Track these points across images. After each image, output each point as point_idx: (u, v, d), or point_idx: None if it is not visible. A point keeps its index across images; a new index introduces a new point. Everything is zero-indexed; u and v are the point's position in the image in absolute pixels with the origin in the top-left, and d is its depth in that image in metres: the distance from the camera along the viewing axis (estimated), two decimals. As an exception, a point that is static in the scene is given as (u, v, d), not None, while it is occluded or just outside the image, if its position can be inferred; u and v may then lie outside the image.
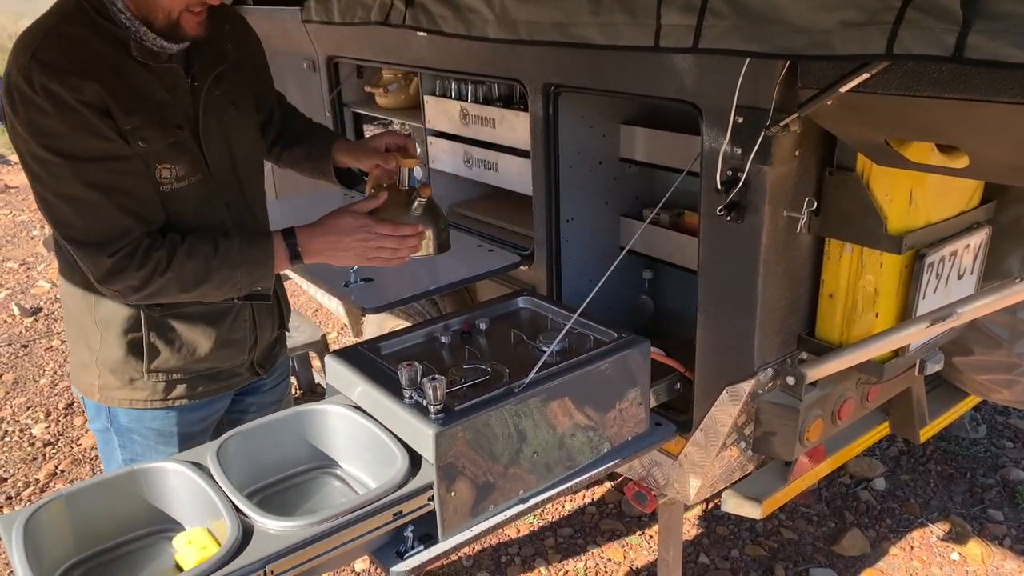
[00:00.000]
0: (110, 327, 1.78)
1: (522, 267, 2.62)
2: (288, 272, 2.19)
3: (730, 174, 1.86)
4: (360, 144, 2.10)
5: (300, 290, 4.91)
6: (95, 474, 3.62)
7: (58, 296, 5.61)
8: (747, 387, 2.01)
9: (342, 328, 4.91)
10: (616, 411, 1.88)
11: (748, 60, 1.73)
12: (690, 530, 3.21)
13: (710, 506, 3.33)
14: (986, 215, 2.19)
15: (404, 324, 3.08)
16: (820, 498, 3.39)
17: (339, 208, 1.77)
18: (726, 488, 2.31)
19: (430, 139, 3.06)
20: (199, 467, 1.63)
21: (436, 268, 2.64)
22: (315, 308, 5.15)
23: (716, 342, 2.06)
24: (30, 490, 3.58)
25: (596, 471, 1.86)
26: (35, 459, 3.81)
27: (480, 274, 2.55)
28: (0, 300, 5.60)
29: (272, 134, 2.12)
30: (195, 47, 1.72)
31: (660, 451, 2.24)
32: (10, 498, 3.52)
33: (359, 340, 2.56)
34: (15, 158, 9.46)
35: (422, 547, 1.64)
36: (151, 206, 1.64)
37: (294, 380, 4.23)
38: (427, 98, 2.99)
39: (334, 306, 3.83)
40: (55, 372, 4.60)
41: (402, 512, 1.57)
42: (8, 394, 4.39)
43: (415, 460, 1.63)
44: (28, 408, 4.24)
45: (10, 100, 1.52)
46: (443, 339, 2.00)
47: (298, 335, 3.83)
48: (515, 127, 2.67)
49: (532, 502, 1.76)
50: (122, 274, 1.59)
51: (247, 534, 1.46)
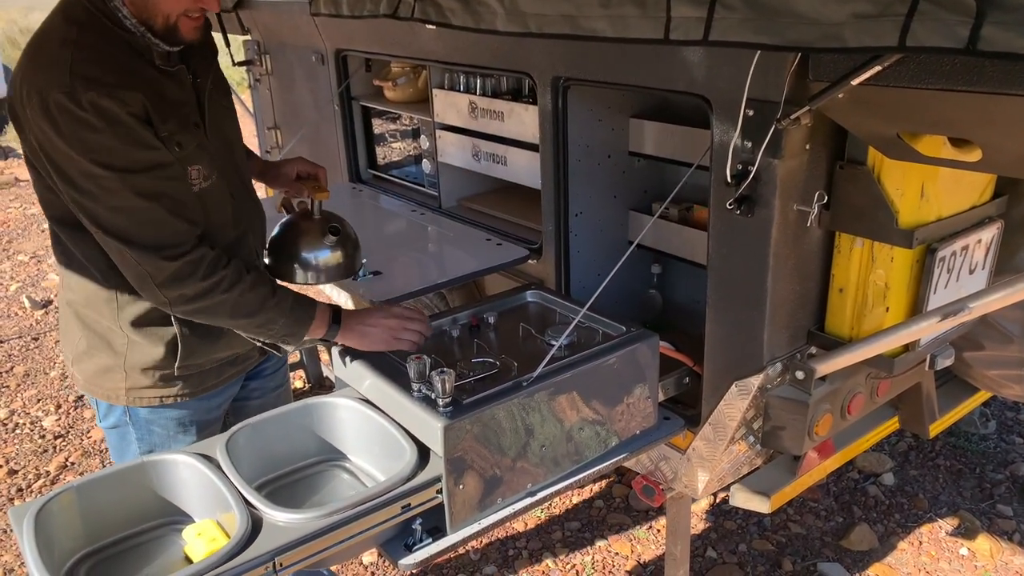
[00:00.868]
0: (140, 329, 1.78)
1: (530, 261, 2.62)
2: None
3: (740, 168, 1.86)
4: (273, 166, 2.16)
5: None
6: (105, 466, 3.64)
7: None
8: (756, 381, 2.00)
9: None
10: (624, 405, 1.88)
11: (759, 53, 1.72)
12: (698, 524, 3.21)
13: (718, 500, 3.32)
14: (998, 209, 2.18)
15: (412, 318, 3.07)
16: (828, 493, 3.38)
17: (377, 311, 1.88)
18: (734, 482, 2.30)
19: (439, 132, 3.05)
20: (208, 459, 1.64)
21: (444, 262, 2.65)
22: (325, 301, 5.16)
23: (725, 336, 2.05)
24: (40, 482, 3.60)
25: (604, 465, 1.86)
26: (45, 451, 3.83)
27: (488, 268, 2.55)
28: (11, 293, 5.63)
29: None
30: (188, 46, 1.73)
31: (668, 445, 2.24)
32: (21, 490, 3.55)
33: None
34: (25, 151, 9.49)
35: (430, 540, 1.64)
36: (194, 208, 1.68)
37: (302, 373, 4.24)
38: (436, 91, 2.99)
39: (343, 299, 3.84)
40: (65, 365, 4.63)
41: (410, 505, 1.57)
42: (19, 386, 4.41)
43: (423, 453, 1.64)
44: (39, 400, 4.27)
45: (49, 119, 1.50)
46: (451, 333, 2.00)
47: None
48: (524, 120, 2.66)
49: (540, 495, 1.77)
50: (185, 280, 1.62)
51: (256, 526, 1.47)
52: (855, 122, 1.78)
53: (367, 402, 1.80)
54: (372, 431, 1.77)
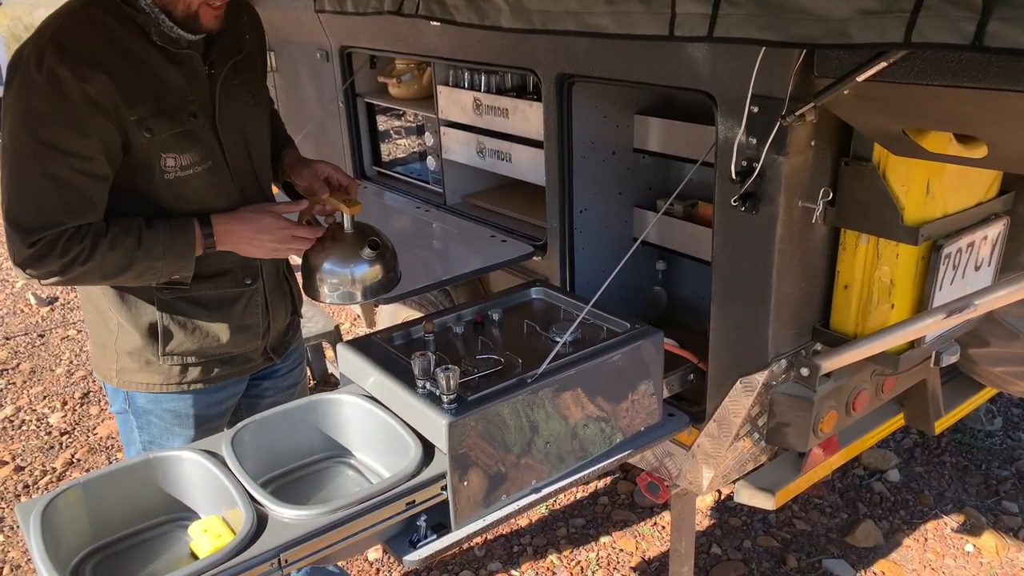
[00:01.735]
0: (126, 311, 1.81)
1: (535, 258, 2.62)
2: None
3: (745, 164, 1.85)
4: (304, 163, 2.07)
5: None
6: (111, 463, 3.65)
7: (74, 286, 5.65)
8: (761, 378, 2.00)
9: (355, 319, 4.92)
10: (629, 402, 1.88)
11: (764, 49, 1.72)
12: (702, 521, 3.21)
13: (722, 497, 3.32)
14: (1004, 206, 2.17)
15: (417, 314, 3.08)
16: (833, 489, 3.38)
17: (259, 206, 1.82)
18: (739, 479, 2.30)
19: (443, 129, 3.05)
20: (214, 456, 1.65)
21: (449, 259, 2.65)
22: (328, 298, 5.17)
23: (730, 333, 2.05)
24: (47, 479, 3.61)
25: (609, 461, 1.86)
26: (52, 448, 3.85)
27: (493, 265, 2.55)
28: (17, 290, 5.65)
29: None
30: (214, 36, 1.74)
31: (673, 442, 2.24)
32: (27, 486, 3.56)
33: (372, 330, 2.56)
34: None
35: (435, 536, 1.64)
36: (94, 210, 1.63)
37: (307, 370, 4.25)
38: (440, 88, 2.98)
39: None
40: (71, 361, 4.64)
41: (415, 501, 1.58)
42: (25, 383, 4.43)
43: (428, 450, 1.64)
44: (45, 397, 4.28)
45: (12, 73, 1.53)
46: (456, 329, 2.00)
47: (311, 325, 3.85)
48: (528, 117, 2.66)
49: (545, 492, 1.77)
50: (42, 260, 1.60)
51: (261, 522, 1.47)
52: (860, 118, 1.77)
53: (372, 399, 1.80)
54: (377, 428, 1.77)
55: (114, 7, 1.59)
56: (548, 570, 3.00)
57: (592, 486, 3.43)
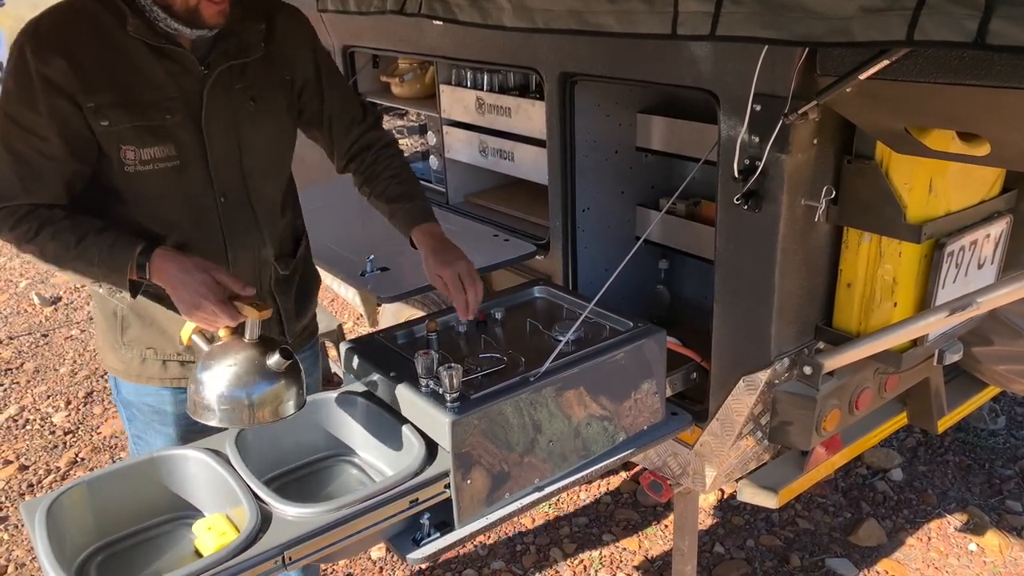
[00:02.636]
0: (95, 292, 1.85)
1: (537, 257, 2.62)
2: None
3: (747, 162, 1.85)
4: (431, 259, 1.89)
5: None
6: (115, 462, 3.66)
7: (77, 286, 5.66)
8: (764, 377, 2.00)
9: (358, 318, 4.93)
10: (632, 400, 1.88)
11: (766, 47, 1.72)
12: (705, 520, 3.21)
13: (726, 496, 3.32)
14: (1007, 204, 2.17)
15: (420, 313, 3.08)
16: (836, 488, 3.37)
17: (211, 265, 1.61)
18: (742, 478, 2.30)
19: (446, 128, 3.06)
20: (218, 454, 1.65)
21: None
22: (331, 298, 5.17)
23: (733, 331, 2.05)
24: (51, 478, 3.62)
25: (611, 460, 1.87)
26: (56, 447, 3.86)
27: (495, 264, 2.56)
28: (20, 290, 5.66)
29: (347, 159, 2.03)
30: (221, 36, 1.71)
31: (676, 441, 2.24)
32: (31, 485, 3.57)
33: (375, 329, 2.57)
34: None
35: (438, 534, 1.65)
36: (53, 192, 1.65)
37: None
38: (443, 87, 2.99)
39: (350, 295, 3.85)
40: (75, 361, 4.65)
41: (418, 500, 1.58)
42: (29, 383, 4.44)
43: (431, 448, 1.64)
44: (49, 397, 4.29)
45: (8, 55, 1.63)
46: (459, 328, 2.00)
47: (314, 324, 3.84)
48: (531, 116, 2.66)
49: (548, 490, 1.77)
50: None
51: (265, 520, 1.48)
52: (863, 117, 1.78)
53: (375, 398, 1.80)
54: (380, 426, 1.77)
55: None
56: (551, 569, 3.00)
57: (595, 485, 3.43)
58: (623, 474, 3.47)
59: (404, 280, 2.40)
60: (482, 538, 3.12)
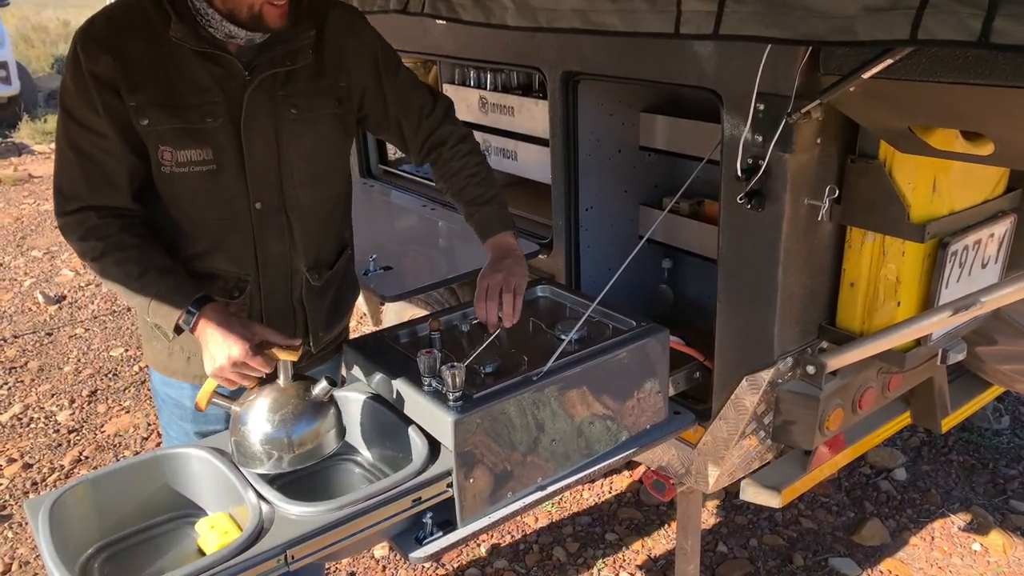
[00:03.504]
0: None
1: (540, 256, 2.62)
2: None
3: (751, 162, 1.85)
4: (487, 266, 1.89)
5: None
6: (119, 460, 3.67)
7: (81, 285, 5.68)
8: (767, 376, 2.00)
9: (361, 317, 4.93)
10: (635, 400, 1.88)
11: (769, 46, 1.72)
12: (708, 519, 3.21)
13: (729, 495, 3.32)
14: (1011, 203, 2.16)
15: (423, 312, 3.09)
16: (840, 488, 3.37)
17: (246, 322, 1.63)
18: (745, 477, 2.30)
19: (449, 128, 3.06)
20: (222, 453, 1.65)
21: (454, 256, 2.65)
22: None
23: (736, 331, 2.05)
24: (55, 476, 3.63)
25: (614, 459, 1.87)
26: (59, 445, 3.87)
27: (499, 263, 2.55)
28: (25, 288, 5.67)
29: (423, 156, 1.99)
30: (268, 43, 1.69)
31: (679, 440, 2.24)
32: (35, 483, 3.58)
33: (378, 328, 2.57)
34: (38, 148, 9.57)
35: (441, 533, 1.65)
36: (118, 189, 1.67)
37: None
38: (446, 86, 2.99)
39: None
40: (79, 360, 4.66)
41: (421, 498, 1.58)
42: (33, 381, 4.45)
43: (434, 447, 1.64)
44: (53, 395, 4.30)
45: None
46: (461, 327, 2.00)
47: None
48: (534, 115, 2.67)
49: (550, 489, 1.77)
50: (68, 235, 1.69)
51: (268, 519, 1.48)
52: (866, 116, 1.77)
53: (378, 397, 1.80)
54: (383, 425, 1.77)
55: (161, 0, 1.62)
56: (554, 568, 3.00)
57: (598, 484, 3.43)
58: (626, 473, 3.47)
59: (407, 279, 2.41)
60: (485, 537, 3.12)
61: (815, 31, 1.33)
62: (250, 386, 1.63)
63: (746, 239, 1.94)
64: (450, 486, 1.61)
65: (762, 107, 1.79)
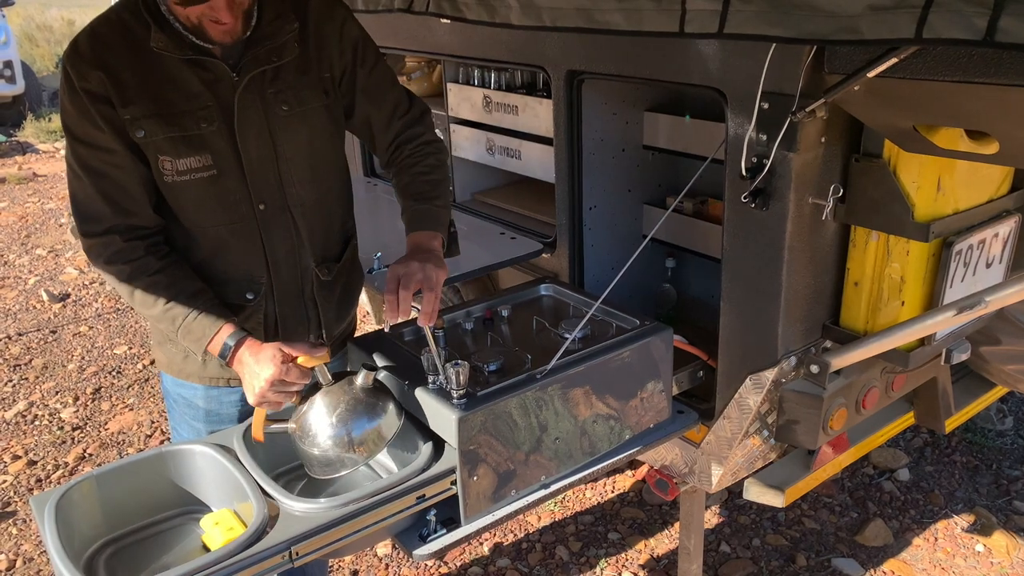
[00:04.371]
0: None
1: (544, 255, 2.62)
2: None
3: (755, 161, 1.85)
4: (396, 261, 1.77)
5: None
6: (122, 458, 3.68)
7: (86, 283, 5.69)
8: (770, 375, 2.00)
9: (364, 315, 4.94)
10: (638, 398, 1.88)
11: (774, 45, 1.72)
12: (711, 519, 3.21)
13: (731, 494, 3.32)
14: (1016, 203, 2.16)
15: (426, 311, 3.09)
16: (843, 488, 3.37)
17: (277, 344, 1.63)
18: (748, 476, 2.30)
19: (453, 127, 3.06)
20: (226, 449, 1.66)
21: (458, 256, 2.64)
22: (338, 296, 5.19)
23: (739, 330, 2.05)
24: (59, 473, 3.64)
25: (618, 458, 1.87)
26: (64, 443, 3.88)
27: (502, 261, 2.56)
28: (29, 286, 5.68)
29: (389, 154, 1.95)
30: (252, 41, 1.68)
31: (682, 439, 2.24)
32: (40, 480, 3.59)
33: (382, 326, 2.57)
34: (43, 147, 9.59)
35: (444, 531, 1.65)
36: (136, 201, 1.67)
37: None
38: (450, 85, 2.99)
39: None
40: (83, 357, 4.68)
41: (425, 496, 1.58)
42: (37, 379, 4.46)
43: (438, 445, 1.65)
44: (57, 393, 4.32)
45: None
46: (466, 326, 2.01)
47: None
48: (538, 114, 2.67)
49: (554, 488, 1.77)
50: (93, 258, 1.69)
51: (273, 516, 1.48)
52: (871, 115, 1.77)
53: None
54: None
55: (136, 11, 1.62)
56: (557, 567, 3.00)
57: (601, 484, 3.43)
58: (629, 472, 3.47)
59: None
60: (488, 535, 3.13)
61: (820, 30, 1.33)
62: (295, 402, 1.65)
63: (750, 238, 1.94)
64: (454, 483, 1.61)
65: (766, 106, 1.79)
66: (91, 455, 3.78)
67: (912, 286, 1.98)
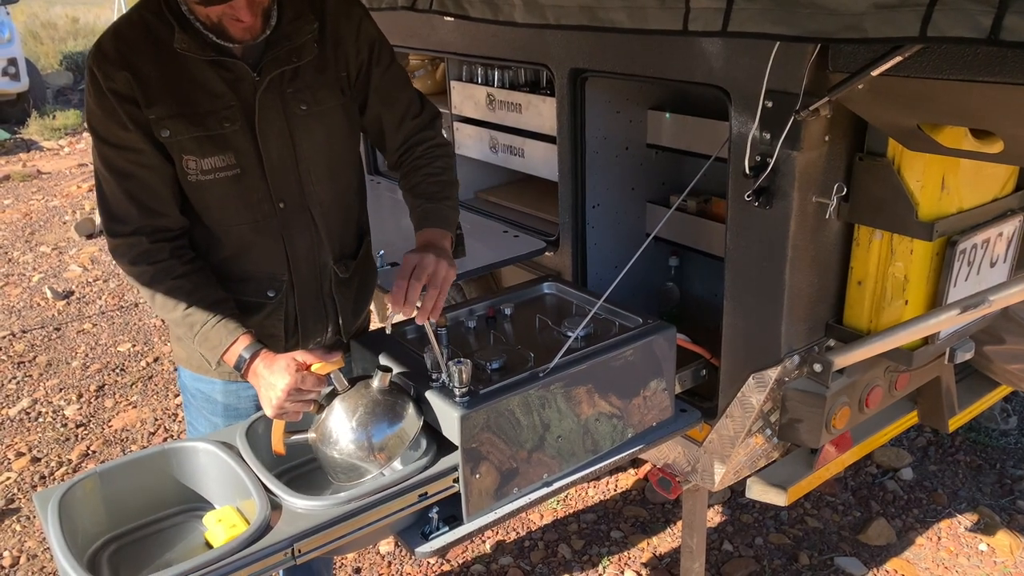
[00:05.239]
0: None
1: (547, 253, 2.62)
2: None
3: (759, 159, 1.85)
4: (413, 250, 1.75)
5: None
6: (126, 454, 3.69)
7: (89, 280, 5.70)
8: (773, 374, 2.00)
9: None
10: (641, 397, 1.88)
11: (778, 44, 1.72)
12: (714, 517, 3.21)
13: (734, 493, 3.32)
14: (1020, 202, 2.16)
15: (429, 309, 3.09)
16: (846, 487, 3.36)
17: (291, 354, 1.62)
18: (751, 475, 2.30)
19: (456, 125, 3.06)
20: (229, 447, 1.66)
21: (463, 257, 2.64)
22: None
23: (743, 329, 2.05)
24: (63, 470, 3.65)
25: (620, 456, 1.87)
26: (67, 440, 3.89)
27: (505, 260, 2.56)
28: (33, 284, 5.70)
29: (398, 156, 1.95)
30: (273, 41, 1.69)
31: (685, 437, 2.24)
32: (43, 477, 3.60)
33: (383, 325, 2.57)
34: (47, 144, 9.60)
35: (447, 528, 1.65)
36: (163, 201, 1.68)
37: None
38: (453, 83, 2.99)
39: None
40: (87, 355, 4.69)
41: (427, 493, 1.59)
42: (41, 376, 4.47)
43: (441, 442, 1.65)
44: (61, 390, 4.33)
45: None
46: (468, 324, 2.01)
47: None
48: (541, 112, 2.67)
49: (556, 486, 1.77)
50: (118, 258, 1.70)
51: (275, 513, 1.48)
52: (875, 113, 1.77)
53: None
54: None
55: (159, 11, 1.63)
56: (559, 565, 3.00)
57: (603, 482, 3.43)
58: (632, 471, 3.47)
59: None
60: (490, 534, 3.13)
61: (824, 28, 1.33)
62: (313, 411, 1.64)
63: (754, 237, 1.94)
64: (456, 481, 1.62)
65: (770, 104, 1.78)
66: (95, 452, 3.79)
67: (916, 285, 1.97)
